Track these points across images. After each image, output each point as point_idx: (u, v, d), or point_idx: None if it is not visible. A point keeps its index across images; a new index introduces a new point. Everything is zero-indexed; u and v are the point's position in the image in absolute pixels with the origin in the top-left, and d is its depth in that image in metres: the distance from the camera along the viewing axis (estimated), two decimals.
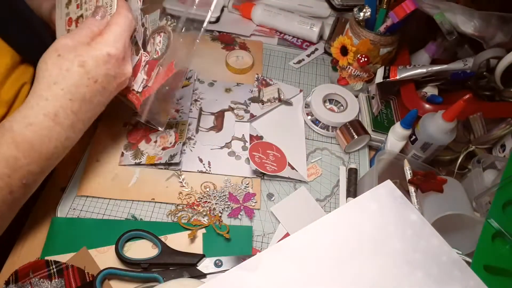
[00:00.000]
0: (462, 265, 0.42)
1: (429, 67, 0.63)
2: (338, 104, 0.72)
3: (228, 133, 0.66)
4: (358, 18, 0.64)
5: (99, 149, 0.60)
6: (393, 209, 0.45)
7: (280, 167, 0.61)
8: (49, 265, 0.48)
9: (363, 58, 0.66)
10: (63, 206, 0.54)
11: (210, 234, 0.54)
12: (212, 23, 0.85)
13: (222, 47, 0.80)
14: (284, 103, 0.72)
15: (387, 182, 0.47)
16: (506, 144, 0.60)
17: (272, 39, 0.86)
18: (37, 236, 0.51)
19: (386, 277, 0.41)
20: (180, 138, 0.62)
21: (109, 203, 0.55)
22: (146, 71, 0.51)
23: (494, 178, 0.56)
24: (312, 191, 0.61)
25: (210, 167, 0.61)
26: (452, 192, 0.54)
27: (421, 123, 0.57)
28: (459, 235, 0.52)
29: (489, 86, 0.64)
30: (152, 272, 0.48)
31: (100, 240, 0.51)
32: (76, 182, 0.57)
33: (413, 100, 0.63)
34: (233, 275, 0.40)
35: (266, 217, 0.57)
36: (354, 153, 0.67)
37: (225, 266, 0.50)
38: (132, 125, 0.64)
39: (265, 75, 0.77)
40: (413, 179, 0.53)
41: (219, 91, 0.72)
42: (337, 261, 0.41)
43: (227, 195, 0.58)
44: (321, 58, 0.83)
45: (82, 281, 0.47)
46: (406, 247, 0.42)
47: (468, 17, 0.61)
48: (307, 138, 0.68)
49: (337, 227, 0.43)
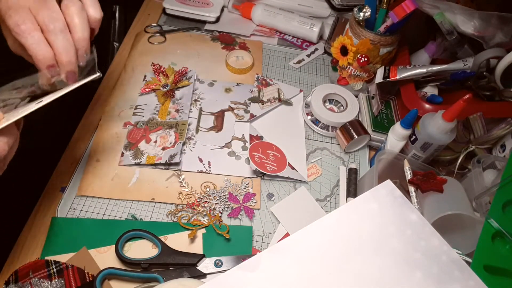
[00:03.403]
0: (462, 265, 0.42)
1: (429, 67, 0.63)
2: (338, 104, 0.72)
3: (228, 133, 0.66)
4: (358, 18, 0.64)
5: (99, 149, 0.60)
6: (393, 209, 0.45)
7: (280, 167, 0.61)
8: (49, 265, 0.48)
9: (363, 58, 0.66)
10: (63, 206, 0.54)
11: (210, 234, 0.54)
12: (212, 23, 0.85)
13: (222, 47, 0.80)
14: (284, 103, 0.72)
15: (387, 182, 0.47)
16: (506, 144, 0.60)
17: (272, 39, 0.86)
18: (37, 236, 0.51)
19: (386, 277, 0.41)
20: (180, 138, 0.62)
21: (109, 203, 0.55)
22: None
23: (494, 178, 0.56)
24: (312, 191, 0.61)
25: (210, 167, 0.61)
26: (452, 192, 0.53)
27: (421, 123, 0.57)
28: (459, 235, 0.52)
29: (489, 86, 0.64)
30: (152, 272, 0.48)
31: (100, 240, 0.51)
32: (76, 182, 0.57)
33: (413, 100, 0.63)
34: (233, 275, 0.40)
35: (266, 217, 0.57)
36: (354, 153, 0.67)
37: (225, 266, 0.50)
38: (132, 125, 0.64)
39: (265, 75, 0.77)
40: (413, 179, 0.53)
41: (219, 91, 0.72)
42: (337, 261, 0.41)
43: (227, 195, 0.58)
44: (321, 58, 0.83)
45: (82, 281, 0.47)
46: (406, 247, 0.42)
47: (468, 17, 0.61)
48: (307, 138, 0.68)
49: (337, 227, 0.43)
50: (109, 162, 0.59)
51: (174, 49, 0.78)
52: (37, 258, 0.49)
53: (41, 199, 0.55)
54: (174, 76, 0.70)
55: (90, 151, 0.60)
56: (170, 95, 0.68)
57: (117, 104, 0.67)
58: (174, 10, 0.84)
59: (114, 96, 0.68)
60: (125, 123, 0.64)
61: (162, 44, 0.79)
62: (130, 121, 0.64)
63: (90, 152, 0.60)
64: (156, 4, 0.88)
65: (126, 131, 0.63)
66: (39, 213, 0.53)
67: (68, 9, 0.42)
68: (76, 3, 0.43)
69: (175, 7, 0.84)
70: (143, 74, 0.72)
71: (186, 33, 0.82)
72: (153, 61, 0.72)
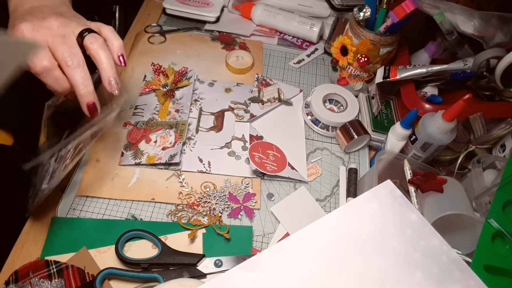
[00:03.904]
0: (462, 265, 0.42)
1: (429, 67, 0.63)
2: (338, 104, 0.72)
3: (228, 133, 0.66)
4: (358, 18, 0.64)
5: (99, 149, 0.60)
6: (393, 209, 0.45)
7: (280, 167, 0.61)
8: (49, 265, 0.48)
9: (363, 58, 0.66)
10: (63, 206, 0.54)
11: (210, 234, 0.54)
12: (212, 23, 0.85)
13: (222, 47, 0.80)
14: (284, 103, 0.72)
15: (387, 182, 0.47)
16: (506, 144, 0.60)
17: (272, 39, 0.86)
18: (37, 236, 0.51)
19: (386, 277, 0.41)
20: (180, 138, 0.62)
21: (109, 203, 0.55)
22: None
23: (494, 178, 0.56)
24: (312, 191, 0.61)
25: (210, 167, 0.61)
26: (452, 192, 0.53)
27: (421, 123, 0.57)
28: (459, 235, 0.52)
29: (489, 86, 0.64)
30: (152, 272, 0.48)
31: (100, 240, 0.51)
32: (76, 182, 0.57)
33: (413, 100, 0.63)
34: (233, 275, 0.40)
35: (266, 217, 0.57)
36: (354, 153, 0.67)
37: (225, 266, 0.50)
38: (132, 125, 0.64)
39: (265, 75, 0.77)
40: (413, 179, 0.53)
41: (219, 91, 0.72)
42: (337, 261, 0.41)
43: (227, 195, 0.58)
44: (321, 58, 0.83)
45: (82, 281, 0.47)
46: (406, 247, 0.42)
47: (468, 17, 0.61)
48: (307, 138, 0.68)
49: (337, 227, 0.43)
50: (109, 162, 0.59)
51: (174, 49, 0.78)
52: (37, 258, 0.49)
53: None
54: (174, 76, 0.70)
55: (90, 151, 0.60)
56: (170, 95, 0.68)
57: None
58: (174, 10, 0.84)
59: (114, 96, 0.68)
60: (125, 123, 0.64)
61: (162, 44, 0.79)
62: (130, 121, 0.64)
63: (90, 152, 0.60)
64: (156, 4, 0.88)
65: (126, 131, 0.63)
66: (39, 213, 0.53)
67: (92, 45, 0.46)
68: (99, 39, 0.46)
69: (175, 7, 0.84)
70: (143, 74, 0.72)
71: (186, 33, 0.82)
72: (153, 61, 0.72)
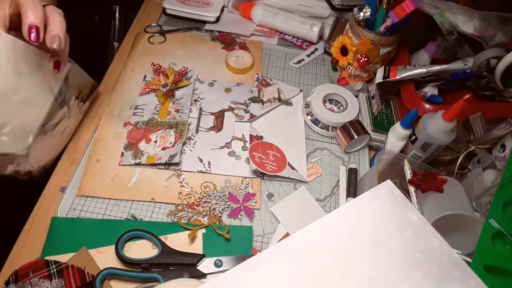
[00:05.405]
0: (462, 265, 0.42)
1: (429, 67, 0.63)
2: (338, 104, 0.72)
3: (228, 133, 0.66)
4: (358, 18, 0.64)
5: (99, 149, 0.60)
6: (393, 209, 0.45)
7: (280, 167, 0.61)
8: (49, 265, 0.48)
9: (363, 58, 0.66)
10: (63, 206, 0.54)
11: (210, 234, 0.54)
12: (212, 23, 0.85)
13: (222, 47, 0.80)
14: (284, 103, 0.72)
15: (387, 182, 0.47)
16: (506, 144, 0.60)
17: (272, 39, 0.86)
18: (37, 236, 0.51)
19: (386, 277, 0.41)
20: (180, 138, 0.62)
21: (109, 203, 0.55)
22: None
23: (494, 178, 0.56)
24: (312, 191, 0.61)
25: (210, 167, 0.61)
26: (452, 192, 0.53)
27: (421, 123, 0.57)
28: (459, 235, 0.52)
29: (489, 86, 0.64)
30: (152, 272, 0.48)
31: (100, 240, 0.51)
32: (76, 182, 0.57)
33: (413, 100, 0.63)
34: (233, 275, 0.40)
35: (266, 217, 0.57)
36: (354, 153, 0.67)
37: (225, 266, 0.50)
38: (132, 125, 0.64)
39: (265, 75, 0.77)
40: (413, 179, 0.53)
41: (219, 91, 0.72)
42: (337, 261, 0.41)
43: (227, 195, 0.58)
44: (321, 58, 0.83)
45: (82, 281, 0.47)
46: (406, 247, 0.42)
47: (468, 17, 0.61)
48: (307, 138, 0.68)
49: (337, 227, 0.43)
50: (109, 162, 0.59)
51: (174, 49, 0.78)
52: (37, 258, 0.49)
53: (41, 199, 0.55)
54: (174, 76, 0.70)
55: (90, 151, 0.60)
56: (170, 95, 0.68)
57: (117, 104, 0.67)
58: (174, 10, 0.84)
59: (114, 96, 0.68)
60: (125, 123, 0.64)
61: (162, 44, 0.79)
62: (130, 121, 0.64)
63: (90, 152, 0.60)
64: (156, 4, 0.88)
65: (126, 131, 0.63)
66: (39, 213, 0.53)
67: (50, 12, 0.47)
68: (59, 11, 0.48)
69: (175, 7, 0.84)
70: (143, 74, 0.72)
71: (186, 33, 0.82)
72: (153, 61, 0.72)
